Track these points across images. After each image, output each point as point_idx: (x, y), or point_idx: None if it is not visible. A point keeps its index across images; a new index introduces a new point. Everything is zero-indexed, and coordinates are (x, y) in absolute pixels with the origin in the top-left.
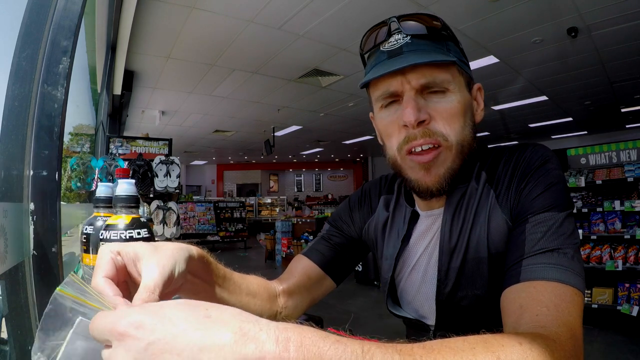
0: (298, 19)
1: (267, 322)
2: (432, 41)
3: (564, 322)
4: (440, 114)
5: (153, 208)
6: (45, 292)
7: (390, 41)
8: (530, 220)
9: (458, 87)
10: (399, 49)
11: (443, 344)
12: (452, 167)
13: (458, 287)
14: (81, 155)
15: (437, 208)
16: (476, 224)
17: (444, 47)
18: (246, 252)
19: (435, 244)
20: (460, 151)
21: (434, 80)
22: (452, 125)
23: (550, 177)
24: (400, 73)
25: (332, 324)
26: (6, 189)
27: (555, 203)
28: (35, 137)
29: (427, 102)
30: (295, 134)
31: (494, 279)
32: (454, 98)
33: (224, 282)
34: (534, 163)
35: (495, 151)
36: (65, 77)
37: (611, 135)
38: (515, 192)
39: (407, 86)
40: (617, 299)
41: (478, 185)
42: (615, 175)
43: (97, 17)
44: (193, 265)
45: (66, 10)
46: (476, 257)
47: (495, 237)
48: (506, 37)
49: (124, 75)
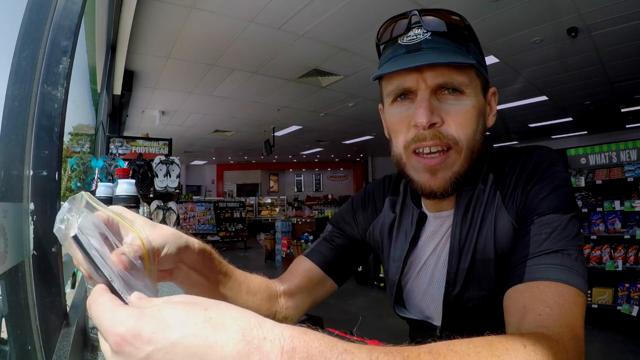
0: (298, 19)
1: (271, 326)
2: (452, 40)
3: (567, 322)
4: (453, 117)
5: (153, 208)
6: (46, 292)
7: (410, 35)
8: (536, 221)
9: (474, 90)
10: (418, 45)
11: (449, 347)
12: (459, 171)
13: (466, 288)
14: (81, 155)
15: (446, 210)
16: (484, 226)
17: (464, 48)
18: (246, 252)
19: (444, 245)
20: (469, 156)
21: (451, 82)
22: (465, 129)
23: (556, 179)
24: (416, 70)
25: (332, 324)
26: (6, 189)
27: (561, 205)
28: (35, 137)
29: (441, 104)
30: (295, 134)
31: (500, 279)
32: (469, 102)
33: (224, 278)
34: (541, 165)
35: (502, 152)
36: (65, 77)
37: (611, 135)
38: (521, 194)
39: (423, 84)
40: (617, 299)
41: (485, 186)
42: (615, 175)
43: (97, 17)
44: (190, 257)
45: (66, 10)
46: (484, 258)
47: (502, 238)
48: (506, 37)
49: (124, 75)
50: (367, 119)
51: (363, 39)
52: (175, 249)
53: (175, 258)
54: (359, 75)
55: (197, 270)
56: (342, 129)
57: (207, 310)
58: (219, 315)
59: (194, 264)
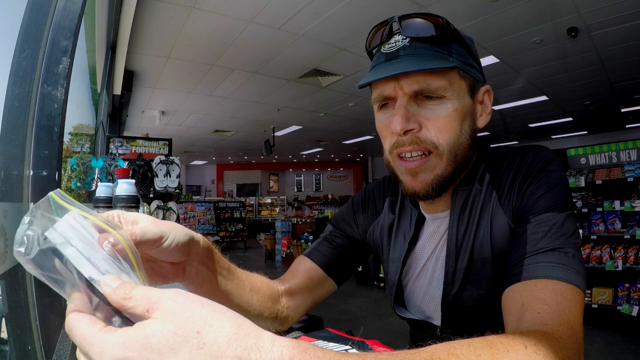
0: (298, 19)
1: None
2: (432, 44)
3: (565, 320)
4: (432, 122)
5: (153, 208)
6: (46, 292)
7: (390, 42)
8: (532, 220)
9: (456, 93)
10: (396, 53)
11: (450, 351)
12: (441, 175)
13: (464, 288)
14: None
15: (442, 211)
16: (480, 225)
17: (445, 51)
18: (246, 252)
19: (443, 246)
20: (452, 160)
21: (427, 87)
22: (445, 133)
23: (552, 178)
24: (393, 78)
25: (332, 324)
26: (6, 189)
27: (557, 204)
28: (35, 137)
29: (420, 109)
30: (295, 134)
31: (498, 279)
32: (449, 105)
33: (228, 274)
34: (537, 165)
35: (498, 152)
36: (65, 77)
37: (611, 135)
38: (517, 194)
39: (400, 92)
40: (617, 299)
41: (482, 187)
42: (615, 175)
43: (97, 17)
44: (198, 250)
45: (66, 10)
46: (481, 257)
47: (498, 238)
48: (506, 37)
49: (124, 75)
50: (367, 119)
51: (363, 39)
52: (184, 237)
53: (185, 248)
54: (359, 75)
55: (205, 265)
56: (342, 129)
57: (200, 333)
58: (213, 339)
59: (202, 258)
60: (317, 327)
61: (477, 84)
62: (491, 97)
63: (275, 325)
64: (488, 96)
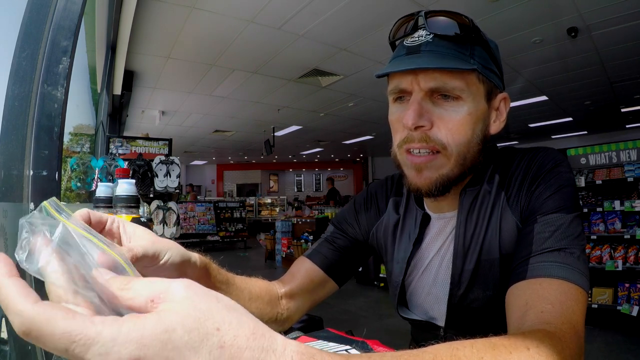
0: (298, 19)
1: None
2: (455, 43)
3: (568, 319)
4: (445, 123)
5: (153, 208)
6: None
7: (414, 36)
8: (539, 220)
9: (473, 96)
10: (417, 47)
11: (452, 352)
12: (447, 175)
13: (471, 289)
14: (81, 155)
15: (448, 211)
16: (489, 226)
17: (467, 52)
18: (246, 252)
19: (448, 246)
20: (460, 162)
21: (444, 86)
22: (456, 135)
23: (561, 179)
24: (411, 72)
25: (332, 324)
26: (6, 189)
27: (565, 205)
28: (35, 137)
29: (435, 108)
30: (295, 134)
31: (505, 280)
32: (464, 108)
33: (227, 287)
34: (546, 165)
35: (507, 153)
36: (65, 77)
37: (611, 135)
38: (526, 194)
39: (416, 87)
40: (617, 299)
41: (491, 187)
42: (615, 175)
43: (97, 17)
44: (194, 271)
45: (66, 10)
46: (489, 258)
47: (506, 239)
48: (506, 37)
49: (124, 75)
50: (367, 119)
51: (363, 39)
52: (179, 258)
53: (180, 268)
54: (359, 75)
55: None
56: (342, 129)
57: (219, 331)
58: (232, 338)
59: (198, 278)
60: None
61: (495, 89)
62: (508, 105)
63: (275, 326)
64: (504, 104)
